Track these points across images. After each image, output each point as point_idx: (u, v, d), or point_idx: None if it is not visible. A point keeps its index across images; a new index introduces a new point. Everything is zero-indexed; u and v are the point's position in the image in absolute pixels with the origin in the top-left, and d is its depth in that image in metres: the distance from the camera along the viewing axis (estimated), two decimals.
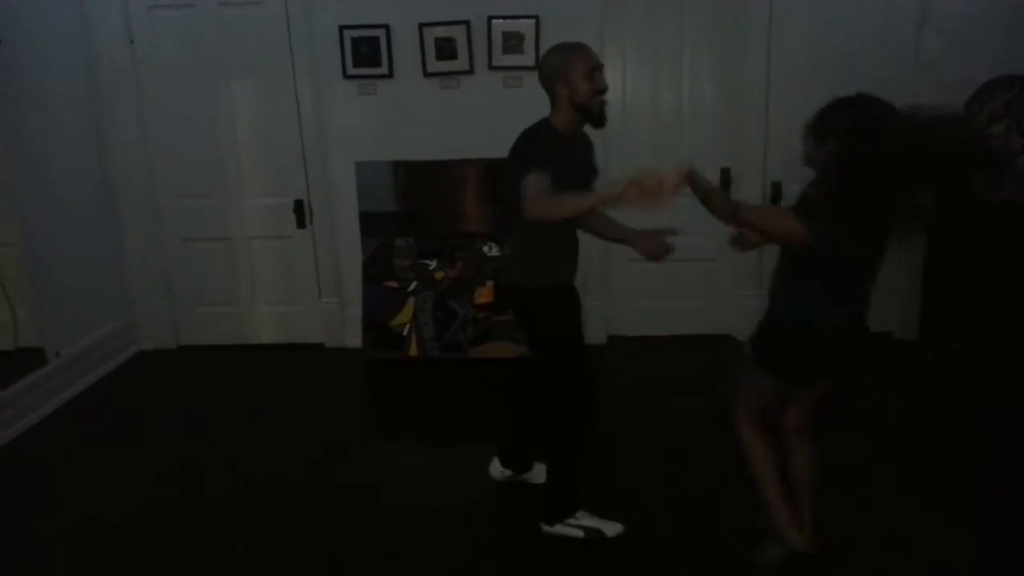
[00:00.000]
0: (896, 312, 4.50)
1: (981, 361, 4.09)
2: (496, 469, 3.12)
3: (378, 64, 4.32)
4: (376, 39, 4.28)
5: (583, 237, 2.78)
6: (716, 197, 2.38)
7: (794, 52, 4.22)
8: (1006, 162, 3.89)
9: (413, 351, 4.47)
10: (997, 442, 3.38)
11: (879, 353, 2.30)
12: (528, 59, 4.23)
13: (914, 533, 2.77)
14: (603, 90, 2.50)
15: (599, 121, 2.51)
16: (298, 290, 4.75)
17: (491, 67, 4.29)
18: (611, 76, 4.23)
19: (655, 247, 2.58)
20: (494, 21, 4.22)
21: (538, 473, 3.05)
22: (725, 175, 4.35)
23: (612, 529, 2.76)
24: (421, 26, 4.24)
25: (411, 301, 4.50)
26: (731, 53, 4.27)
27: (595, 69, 2.48)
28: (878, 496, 3.01)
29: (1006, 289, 3.95)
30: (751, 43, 4.23)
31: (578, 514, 2.77)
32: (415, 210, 4.52)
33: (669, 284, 4.57)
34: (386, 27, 4.27)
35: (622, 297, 4.69)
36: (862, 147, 1.99)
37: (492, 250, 4.45)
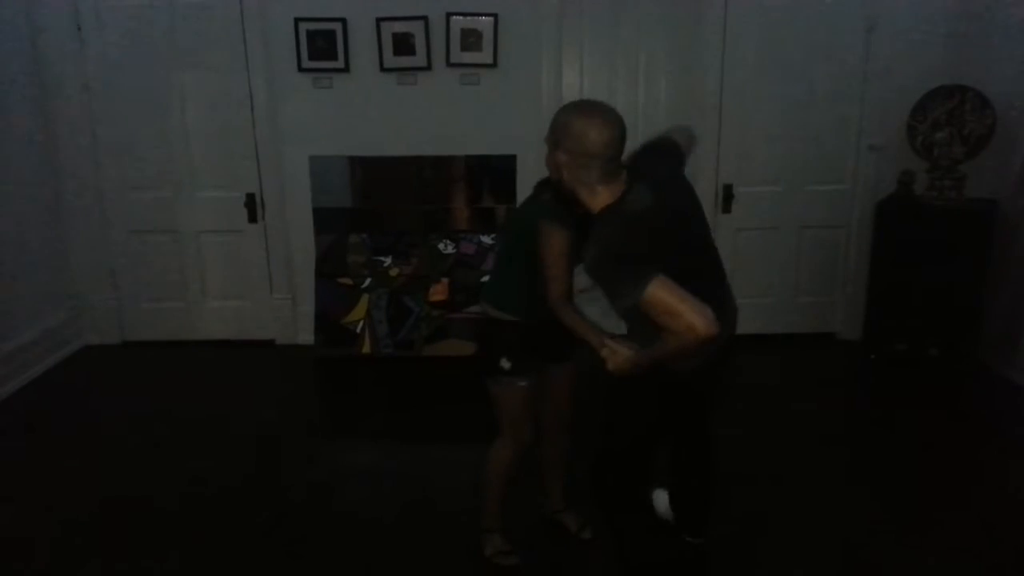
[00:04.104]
0: (840, 313, 4.63)
1: (924, 361, 4.20)
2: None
3: (334, 58, 4.28)
4: (332, 32, 4.24)
5: None
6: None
7: (747, 57, 4.29)
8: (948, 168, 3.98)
9: (366, 348, 4.44)
10: (940, 442, 3.49)
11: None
12: (486, 57, 4.23)
13: (861, 533, 2.85)
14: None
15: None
16: (249, 285, 4.67)
17: (449, 64, 4.28)
18: (568, 75, 4.31)
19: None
20: (453, 18, 4.21)
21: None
22: None
23: None
24: (379, 20, 4.21)
25: (365, 298, 4.47)
26: (686, 56, 4.32)
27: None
28: (825, 497, 3.09)
29: (948, 290, 4.07)
30: (706, 47, 4.28)
31: None
32: (370, 206, 4.48)
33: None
34: (343, 20, 4.23)
35: None
36: None
37: (447, 247, 4.45)
